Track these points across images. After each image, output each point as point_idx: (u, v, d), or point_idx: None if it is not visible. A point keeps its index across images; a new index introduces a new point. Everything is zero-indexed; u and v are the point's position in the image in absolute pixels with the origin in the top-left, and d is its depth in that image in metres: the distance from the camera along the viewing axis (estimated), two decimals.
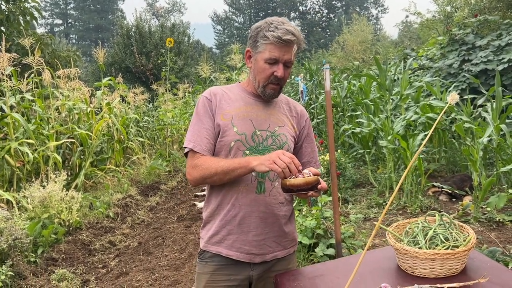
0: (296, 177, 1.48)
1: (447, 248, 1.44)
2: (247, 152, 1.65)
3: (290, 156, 1.47)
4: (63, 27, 54.40)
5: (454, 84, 7.28)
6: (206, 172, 1.60)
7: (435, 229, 1.53)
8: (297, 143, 1.83)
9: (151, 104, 12.42)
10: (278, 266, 1.76)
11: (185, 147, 1.69)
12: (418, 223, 1.60)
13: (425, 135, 5.35)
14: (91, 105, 7.17)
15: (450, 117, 6.08)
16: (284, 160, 1.45)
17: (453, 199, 5.42)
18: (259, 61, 1.66)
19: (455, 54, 8.13)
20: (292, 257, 1.84)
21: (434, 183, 5.63)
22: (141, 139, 8.82)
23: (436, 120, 5.61)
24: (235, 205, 1.66)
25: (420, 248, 1.47)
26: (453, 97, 1.41)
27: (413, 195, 5.31)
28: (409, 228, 1.62)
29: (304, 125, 1.84)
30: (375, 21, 49.67)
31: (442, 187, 5.41)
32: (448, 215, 1.60)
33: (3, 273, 3.39)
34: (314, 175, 1.52)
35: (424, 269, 1.43)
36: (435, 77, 7.81)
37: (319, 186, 1.51)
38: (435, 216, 1.63)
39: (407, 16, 35.52)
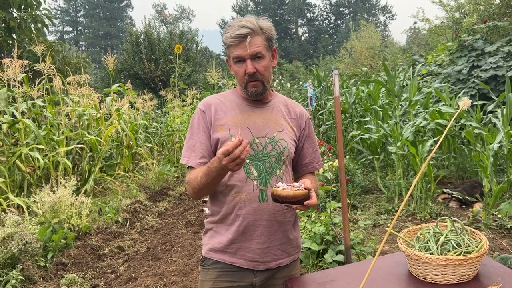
0: (287, 188, 1.46)
1: (459, 254, 1.43)
2: (247, 161, 1.63)
3: (226, 149, 1.39)
4: (73, 34, 55.01)
5: (464, 90, 7.25)
6: (195, 187, 1.61)
7: (446, 234, 1.52)
8: (298, 145, 1.80)
9: (159, 110, 12.48)
10: (282, 273, 1.74)
11: (183, 164, 1.71)
12: (430, 229, 1.59)
13: (435, 141, 5.32)
14: (100, 111, 7.23)
15: (460, 123, 6.04)
16: (227, 163, 1.40)
17: (463, 206, 5.37)
18: (232, 66, 1.67)
19: (464, 60, 8.09)
20: (296, 263, 1.82)
21: (444, 190, 5.59)
22: (150, 145, 8.87)
23: (445, 126, 5.59)
24: (238, 214, 1.64)
25: (431, 253, 1.46)
26: (465, 102, 1.41)
27: (422, 201, 5.27)
28: (420, 234, 1.61)
29: (304, 126, 1.81)
30: (383, 27, 49.62)
31: (452, 194, 5.37)
32: (460, 221, 1.59)
33: (13, 277, 3.42)
34: (305, 188, 1.49)
35: (436, 275, 1.42)
36: (444, 83, 7.77)
37: (306, 202, 1.47)
38: (446, 222, 1.62)
39: (415, 23, 35.46)
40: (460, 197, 5.30)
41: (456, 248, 1.46)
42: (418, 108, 6.72)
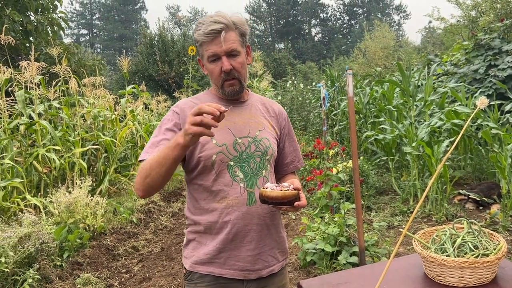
0: (276, 188, 1.40)
1: (477, 257, 1.41)
2: (232, 163, 1.53)
3: (200, 107, 1.26)
4: (88, 36, 55.79)
5: (480, 90, 7.13)
6: (142, 173, 1.43)
7: (463, 236, 1.50)
8: (279, 144, 1.73)
9: None
10: (273, 282, 1.64)
11: (139, 160, 1.53)
12: (446, 231, 1.56)
13: (451, 142, 5.25)
14: (115, 112, 7.30)
15: (476, 123, 5.95)
16: (196, 119, 1.25)
17: (480, 207, 5.28)
18: (206, 64, 1.57)
19: (480, 59, 7.96)
20: (285, 271, 1.72)
21: (460, 191, 5.51)
22: None
23: (461, 126, 5.51)
24: (226, 221, 1.52)
25: (448, 256, 1.44)
26: (482, 102, 1.38)
27: (438, 203, 5.20)
28: (436, 236, 1.58)
29: (284, 124, 1.74)
30: (397, 27, 49.23)
31: (469, 195, 5.29)
32: (477, 223, 1.56)
33: (30, 276, 3.46)
34: (295, 189, 1.43)
35: (452, 277, 1.39)
36: (460, 82, 7.66)
37: (296, 203, 1.41)
38: (463, 223, 1.59)
39: (430, 22, 35.09)
40: (477, 199, 5.21)
41: (473, 251, 1.43)
42: (434, 108, 6.64)
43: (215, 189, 1.53)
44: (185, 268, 1.62)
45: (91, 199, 4.88)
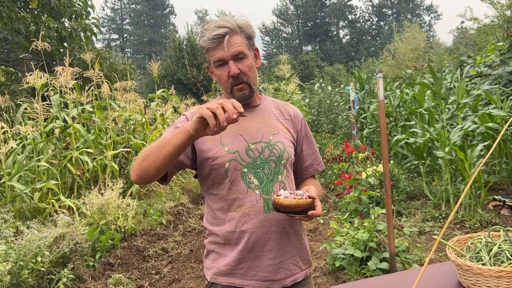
0: (290, 196, 1.35)
1: None
2: (245, 170, 1.49)
3: (225, 100, 1.23)
4: (119, 41, 57.07)
5: None
6: (141, 155, 1.38)
7: (500, 244, 1.45)
8: (297, 148, 1.67)
9: None
10: None
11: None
12: (481, 238, 1.52)
13: (485, 146, 5.09)
14: (145, 116, 7.45)
15: None
16: (212, 105, 1.21)
17: None
18: (214, 71, 1.55)
19: None
20: (310, 280, 1.66)
21: (495, 197, 5.34)
22: None
23: (496, 129, 5.35)
24: (244, 230, 1.49)
25: (483, 264, 1.40)
26: None
27: (472, 208, 5.06)
28: (471, 243, 1.54)
29: (300, 126, 1.68)
30: (427, 28, 48.19)
31: (504, 201, 5.12)
32: None
33: (65, 275, 3.57)
34: (309, 197, 1.37)
35: (488, 287, 1.36)
36: (494, 84, 7.43)
37: (310, 212, 1.34)
38: (499, 231, 1.55)
39: (462, 22, 34.21)
40: None
41: (510, 259, 1.39)
42: (467, 111, 6.47)
43: (230, 198, 1.50)
44: (207, 279, 1.60)
45: (122, 201, 4.99)
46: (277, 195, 1.37)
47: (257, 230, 1.48)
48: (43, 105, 5.37)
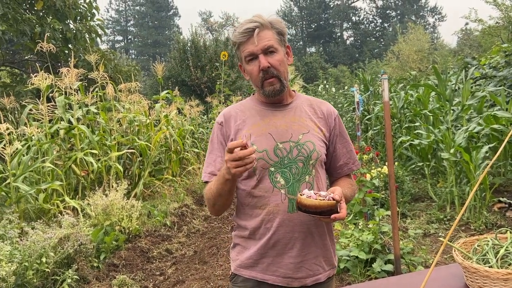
0: (311, 196, 1.35)
1: None
2: (272, 169, 1.51)
3: (229, 146, 1.33)
4: (123, 43, 57.24)
5: None
6: (210, 198, 1.54)
7: (507, 247, 1.44)
8: (329, 146, 1.65)
9: (205, 116, 12.72)
10: None
11: (204, 182, 1.64)
12: (488, 241, 1.52)
13: (490, 148, 5.07)
14: (150, 117, 7.46)
15: None
16: (234, 156, 1.31)
17: None
18: (245, 66, 1.57)
19: None
20: (332, 282, 1.66)
21: (501, 199, 5.31)
22: (196, 150, 9.03)
23: (501, 131, 5.32)
24: (268, 228, 1.52)
25: (490, 267, 1.39)
26: None
27: (477, 210, 5.03)
28: (477, 246, 1.53)
29: (334, 124, 1.65)
30: (432, 29, 48.07)
31: (510, 203, 5.09)
32: None
33: (69, 276, 3.58)
34: (333, 199, 1.34)
35: None
36: (499, 86, 7.40)
37: (333, 215, 1.34)
38: (506, 233, 1.54)
39: (467, 24, 34.05)
40: None
41: None
42: (471, 112, 6.44)
43: (256, 195, 1.54)
44: (231, 271, 1.65)
45: (127, 202, 5.00)
46: (300, 194, 1.37)
47: (280, 229, 1.51)
48: (48, 106, 5.39)
